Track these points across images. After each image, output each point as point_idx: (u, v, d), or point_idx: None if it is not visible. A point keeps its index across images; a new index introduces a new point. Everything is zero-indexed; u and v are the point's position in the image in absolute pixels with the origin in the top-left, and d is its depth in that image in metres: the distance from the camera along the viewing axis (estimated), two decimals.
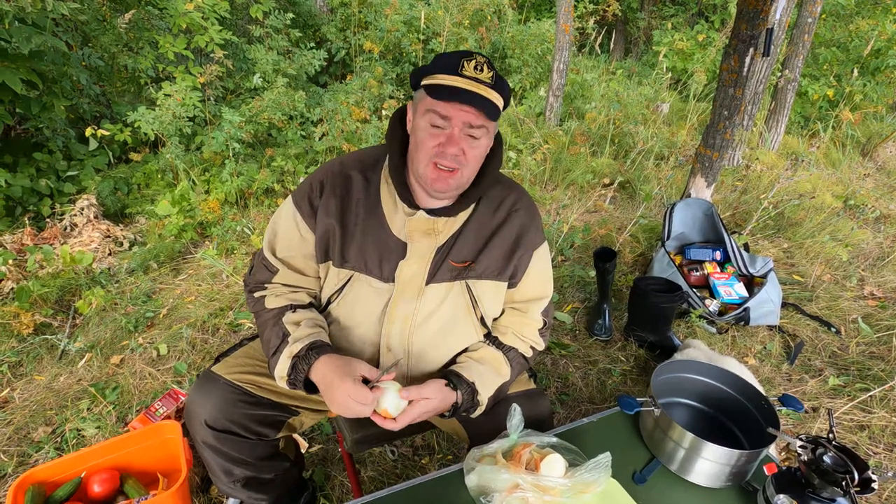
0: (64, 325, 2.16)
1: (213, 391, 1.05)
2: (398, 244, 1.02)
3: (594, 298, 2.56)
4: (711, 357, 1.77)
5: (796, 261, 3.02)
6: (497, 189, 1.08)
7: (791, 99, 4.60)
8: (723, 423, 1.04)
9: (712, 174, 2.77)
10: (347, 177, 1.05)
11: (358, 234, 1.02)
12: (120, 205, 3.12)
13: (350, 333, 1.08)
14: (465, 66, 0.91)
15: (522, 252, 1.07)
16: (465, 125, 0.92)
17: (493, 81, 0.92)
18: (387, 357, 1.06)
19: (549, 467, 0.81)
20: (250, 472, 1.13)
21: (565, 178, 3.89)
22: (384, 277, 1.02)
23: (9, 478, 1.56)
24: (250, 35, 4.09)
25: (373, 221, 1.02)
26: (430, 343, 1.06)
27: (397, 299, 1.02)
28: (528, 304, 1.13)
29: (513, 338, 1.12)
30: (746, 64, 2.45)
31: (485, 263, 1.04)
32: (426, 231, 1.01)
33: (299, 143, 3.59)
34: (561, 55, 4.45)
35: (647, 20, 8.76)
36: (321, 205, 1.03)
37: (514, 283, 1.10)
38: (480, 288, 1.05)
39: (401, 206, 1.02)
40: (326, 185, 1.04)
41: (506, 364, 1.08)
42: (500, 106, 0.95)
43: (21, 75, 2.65)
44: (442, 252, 1.03)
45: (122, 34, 3.47)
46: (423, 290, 1.03)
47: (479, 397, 1.02)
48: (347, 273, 1.03)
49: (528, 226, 1.08)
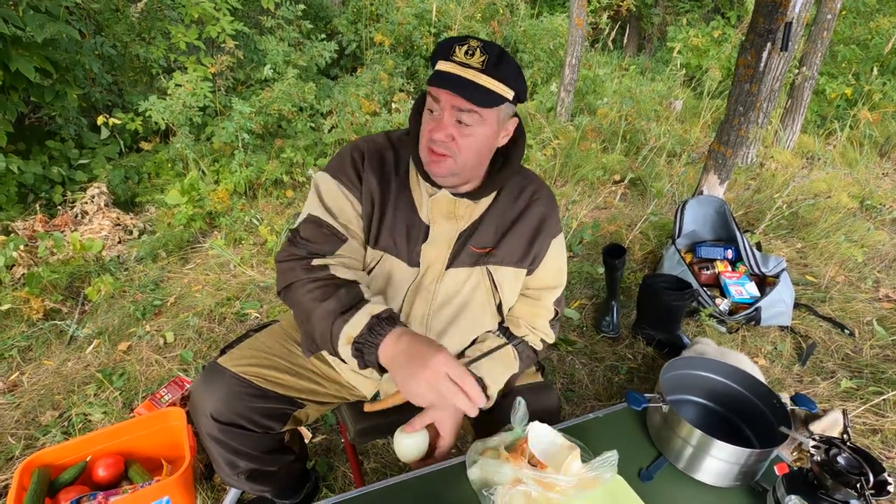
0: (73, 312, 2.18)
1: (219, 384, 1.03)
2: (423, 226, 1.02)
3: (602, 295, 2.54)
4: (723, 353, 1.73)
5: (810, 261, 2.97)
6: (517, 179, 1.09)
7: (808, 97, 4.51)
8: (732, 421, 1.02)
9: (725, 171, 2.73)
10: (382, 155, 1.04)
11: (390, 215, 1.01)
12: (130, 193, 3.14)
13: None
14: (456, 52, 0.89)
15: (542, 240, 1.07)
16: (453, 110, 0.90)
17: (484, 66, 0.88)
18: None
19: (570, 465, 0.79)
20: (255, 465, 1.11)
21: (575, 173, 3.85)
22: (411, 261, 1.02)
23: (16, 460, 1.57)
24: (262, 26, 4.09)
25: (403, 203, 1.02)
26: (447, 327, 1.06)
27: (419, 282, 1.03)
28: (542, 291, 1.13)
29: (525, 330, 1.11)
30: (763, 59, 2.40)
31: (506, 250, 1.04)
32: (447, 214, 1.01)
33: (308, 134, 3.59)
34: (573, 50, 4.40)
35: (661, 16, 8.64)
36: (364, 178, 1.00)
37: (531, 269, 1.10)
38: (501, 274, 1.05)
39: (424, 188, 1.02)
40: (366, 160, 1.02)
41: (515, 357, 1.06)
42: (499, 91, 0.89)
43: (35, 63, 2.66)
44: (463, 237, 1.03)
45: (134, 23, 3.48)
46: (443, 274, 1.03)
47: (489, 392, 1.01)
48: (379, 254, 1.02)
49: (548, 214, 1.08)
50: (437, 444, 0.98)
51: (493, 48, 0.90)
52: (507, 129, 1.00)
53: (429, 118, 0.94)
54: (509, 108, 0.96)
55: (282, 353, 1.13)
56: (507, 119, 0.98)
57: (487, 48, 0.89)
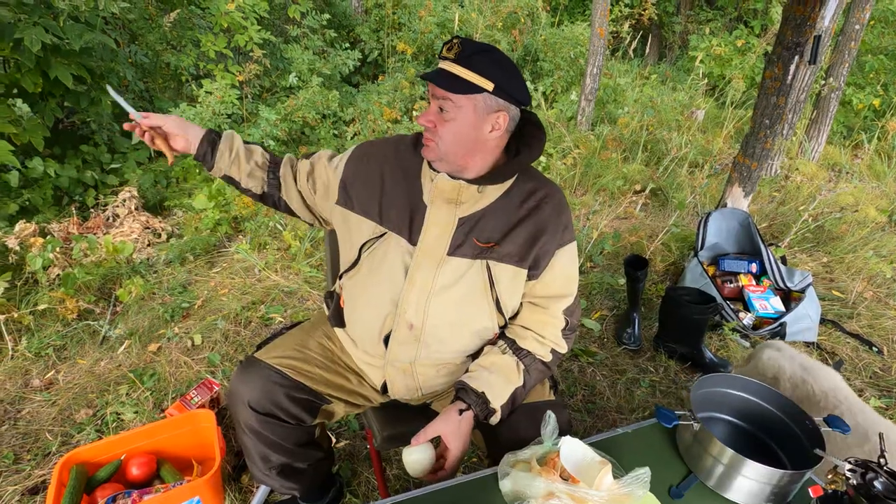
0: (105, 312, 2.25)
1: (256, 374, 1.11)
2: (423, 208, 1.09)
3: (623, 306, 2.53)
4: (804, 365, 1.41)
5: (836, 276, 2.92)
6: (531, 183, 1.11)
7: (834, 108, 4.45)
8: (763, 440, 1.02)
9: (750, 184, 2.70)
10: (399, 146, 1.16)
11: (395, 195, 1.10)
12: (159, 197, 3.22)
13: (373, 290, 1.12)
14: (443, 50, 1.00)
15: (544, 243, 1.08)
16: (434, 99, 1.01)
17: (456, 57, 0.97)
18: (402, 320, 1.08)
19: (602, 480, 0.80)
20: (286, 459, 1.17)
21: (595, 183, 3.84)
22: (411, 239, 1.07)
23: (52, 456, 1.63)
24: (287, 35, 4.18)
25: (410, 184, 1.11)
26: (444, 316, 1.08)
27: (419, 263, 1.06)
28: (550, 300, 1.13)
29: (532, 341, 1.10)
30: (791, 72, 2.38)
31: (507, 248, 1.07)
32: (448, 198, 1.07)
33: (331, 141, 3.65)
34: (595, 59, 4.40)
35: (683, 24, 8.58)
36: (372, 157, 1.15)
37: (535, 274, 1.10)
38: (499, 270, 1.07)
39: (429, 174, 1.10)
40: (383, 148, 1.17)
41: (518, 370, 1.07)
42: (470, 79, 0.96)
43: (72, 70, 2.76)
44: (465, 226, 1.06)
45: (166, 33, 3.58)
46: (444, 260, 1.06)
47: (492, 405, 1.02)
48: (382, 230, 1.10)
49: (553, 220, 1.09)
50: (445, 457, 1.01)
51: (473, 44, 0.98)
52: (495, 122, 1.02)
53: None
54: (489, 99, 0.99)
55: (313, 347, 1.21)
56: (492, 111, 1.00)
57: (465, 43, 0.98)
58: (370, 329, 1.14)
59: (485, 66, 0.97)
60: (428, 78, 0.99)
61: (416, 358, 1.12)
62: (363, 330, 1.17)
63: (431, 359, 1.13)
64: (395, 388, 1.18)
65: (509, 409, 1.05)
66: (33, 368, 1.95)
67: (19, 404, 1.81)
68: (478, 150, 1.04)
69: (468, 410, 1.02)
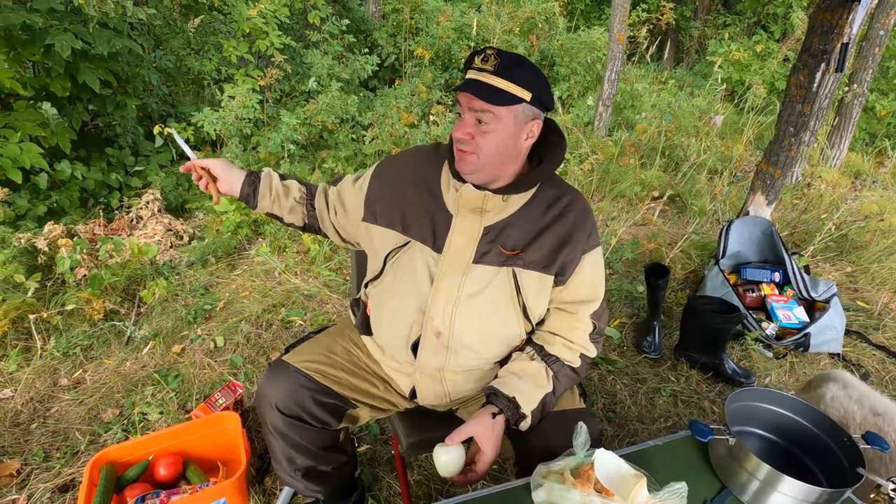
0: (130, 313, 2.29)
1: (284, 377, 1.13)
2: (448, 217, 1.09)
3: (642, 314, 2.51)
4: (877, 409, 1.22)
5: (861, 286, 2.87)
6: (554, 190, 1.12)
7: (857, 114, 4.38)
8: (798, 457, 1.00)
9: (774, 192, 2.67)
10: (418, 158, 1.19)
11: (417, 204, 1.12)
12: (181, 200, 3.27)
13: (399, 298, 1.13)
14: (475, 60, 1.00)
15: (570, 250, 1.08)
16: (471, 111, 1.00)
17: (496, 69, 0.97)
18: (430, 328, 1.09)
19: (637, 494, 0.80)
20: (311, 462, 1.19)
21: (613, 189, 3.82)
22: (436, 247, 1.08)
23: (81, 455, 1.65)
24: (307, 40, 4.22)
25: (431, 195, 1.12)
26: (471, 323, 1.09)
27: (445, 271, 1.07)
28: (577, 305, 1.13)
29: (560, 347, 1.11)
30: (817, 80, 2.35)
31: (533, 255, 1.07)
32: (473, 207, 1.07)
33: (349, 145, 3.68)
34: (613, 65, 4.39)
35: (701, 29, 8.51)
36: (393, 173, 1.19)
37: (561, 280, 1.10)
38: (526, 277, 1.07)
39: (452, 184, 1.10)
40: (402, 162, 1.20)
41: (547, 376, 1.08)
42: (511, 91, 0.97)
43: (99, 75, 2.82)
44: (491, 234, 1.07)
45: (190, 38, 3.64)
46: (470, 268, 1.06)
47: (522, 410, 1.03)
48: (405, 239, 1.11)
49: (579, 226, 1.10)
50: (476, 460, 1.01)
51: (510, 55, 0.98)
52: (529, 131, 1.04)
53: (458, 121, 1.04)
54: (528, 109, 1.01)
55: (340, 353, 1.23)
56: (528, 120, 1.02)
57: (501, 55, 0.98)
58: (398, 336, 1.15)
59: (523, 77, 0.98)
60: (467, 90, 0.98)
61: (445, 365, 1.13)
62: (390, 337, 1.18)
63: (460, 366, 1.13)
64: (424, 394, 1.19)
65: (539, 415, 1.05)
66: (61, 368, 1.99)
67: (48, 402, 1.84)
68: (513, 159, 1.05)
69: (500, 415, 1.02)
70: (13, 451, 1.64)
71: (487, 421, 1.01)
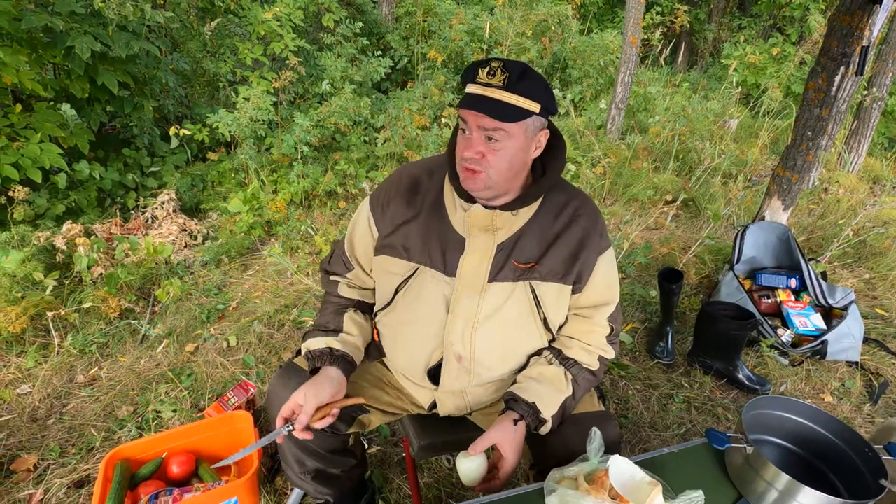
0: (145, 312, 2.31)
1: (294, 380, 1.11)
2: (459, 239, 1.05)
3: (655, 319, 2.48)
4: None
5: (879, 293, 2.82)
6: (560, 195, 1.09)
7: (876, 118, 4.31)
8: (817, 467, 0.98)
9: (790, 197, 2.63)
10: (415, 179, 1.12)
11: (423, 229, 1.07)
12: (195, 200, 3.31)
13: (415, 329, 1.11)
14: (479, 74, 0.94)
15: (586, 257, 1.06)
16: (480, 129, 0.95)
17: (505, 84, 0.92)
18: (450, 353, 1.08)
19: (652, 502, 0.79)
20: (320, 465, 1.19)
21: (625, 192, 3.79)
22: (447, 271, 1.05)
23: (96, 451, 1.68)
24: (321, 42, 4.25)
25: (436, 218, 1.07)
26: (492, 343, 1.07)
27: (460, 295, 1.04)
28: (594, 309, 1.12)
29: (578, 350, 1.10)
30: (836, 83, 2.31)
31: (548, 266, 1.05)
32: (484, 226, 1.04)
33: (362, 147, 3.69)
34: (627, 68, 4.36)
35: (715, 32, 8.43)
36: (392, 206, 1.11)
37: (578, 287, 1.09)
38: (544, 289, 1.05)
39: (459, 203, 1.06)
40: (397, 187, 1.12)
41: (566, 380, 1.07)
42: (523, 105, 0.93)
43: (117, 77, 2.87)
44: (504, 251, 1.04)
45: (206, 41, 3.69)
46: (486, 288, 1.04)
47: (543, 415, 1.02)
48: (413, 266, 1.07)
49: (590, 230, 1.07)
50: (499, 466, 1.00)
51: (515, 66, 0.93)
52: (538, 141, 1.01)
53: (461, 138, 0.99)
54: (537, 121, 0.98)
55: None
56: (538, 131, 1.00)
57: (508, 67, 0.93)
58: (415, 364, 1.14)
59: (532, 88, 0.94)
60: (476, 108, 0.93)
61: (468, 385, 1.12)
62: (407, 364, 1.17)
63: (483, 382, 1.13)
64: (445, 407, 1.19)
65: (560, 419, 1.04)
66: (78, 365, 2.02)
67: (65, 399, 1.87)
68: (522, 172, 1.03)
69: (521, 421, 1.01)
70: (30, 446, 1.67)
71: (509, 427, 1.00)
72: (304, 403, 0.99)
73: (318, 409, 1.01)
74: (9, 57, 2.37)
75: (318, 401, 1.00)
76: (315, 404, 0.99)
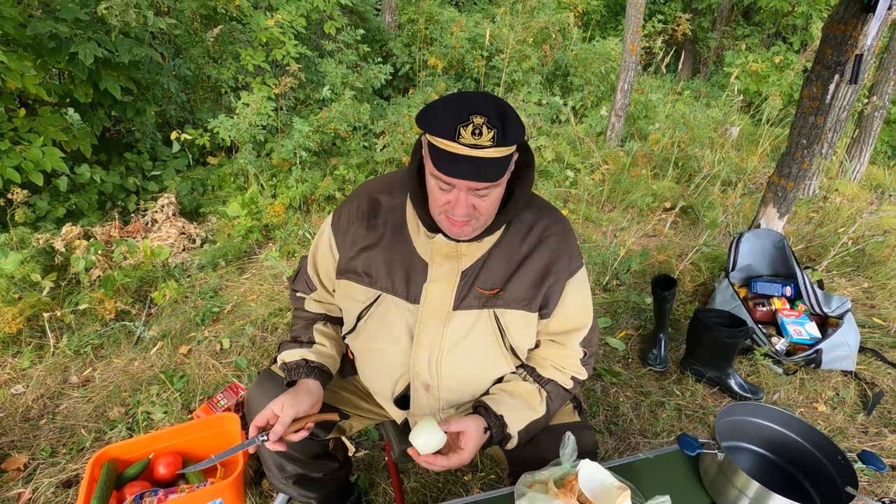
0: (140, 314, 2.34)
1: (272, 389, 1.11)
2: (422, 265, 1.01)
3: (649, 326, 2.48)
4: None
5: (877, 302, 2.79)
6: (529, 213, 1.03)
7: (878, 127, 4.28)
8: (791, 474, 0.98)
9: (786, 205, 2.62)
10: (375, 200, 1.06)
11: (385, 255, 1.02)
12: (195, 204, 3.34)
13: (380, 358, 1.09)
14: (461, 134, 0.83)
15: (553, 281, 1.02)
16: (469, 189, 0.88)
17: (495, 141, 0.83)
18: (417, 382, 1.06)
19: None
20: (301, 470, 1.19)
21: (624, 199, 3.79)
22: (410, 298, 1.01)
23: (86, 451, 1.69)
24: (323, 49, 4.30)
25: (399, 242, 1.03)
26: (458, 371, 1.05)
27: (425, 323, 1.01)
28: (566, 335, 1.08)
29: (552, 370, 1.08)
30: (830, 91, 2.31)
31: (513, 292, 1.00)
32: (448, 254, 1.00)
33: (361, 153, 3.72)
34: (626, 75, 4.38)
35: (718, 40, 8.44)
36: (352, 230, 1.06)
37: (546, 313, 1.05)
38: (509, 317, 1.02)
39: (423, 231, 1.01)
40: (357, 209, 1.07)
41: (540, 399, 1.05)
42: (510, 152, 0.89)
43: (120, 82, 2.92)
44: (468, 277, 1.00)
45: (209, 47, 3.74)
46: (450, 316, 1.00)
47: (509, 430, 1.00)
48: (375, 293, 1.04)
49: (559, 253, 1.02)
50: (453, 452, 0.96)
51: (497, 114, 0.84)
52: (511, 170, 0.94)
53: (439, 190, 0.91)
54: (514, 155, 0.93)
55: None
56: (512, 161, 0.93)
57: (492, 120, 0.84)
58: (384, 390, 1.14)
59: (516, 129, 0.87)
60: (468, 178, 0.85)
61: (439, 409, 1.11)
62: (377, 387, 1.16)
63: (453, 405, 1.12)
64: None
65: (526, 436, 1.03)
66: (72, 365, 2.04)
67: (58, 399, 1.89)
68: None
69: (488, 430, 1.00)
70: (22, 445, 1.69)
71: (480, 427, 0.98)
72: (281, 414, 0.95)
73: (295, 421, 0.98)
74: (14, 62, 2.42)
75: (296, 412, 0.96)
76: (292, 415, 0.96)
